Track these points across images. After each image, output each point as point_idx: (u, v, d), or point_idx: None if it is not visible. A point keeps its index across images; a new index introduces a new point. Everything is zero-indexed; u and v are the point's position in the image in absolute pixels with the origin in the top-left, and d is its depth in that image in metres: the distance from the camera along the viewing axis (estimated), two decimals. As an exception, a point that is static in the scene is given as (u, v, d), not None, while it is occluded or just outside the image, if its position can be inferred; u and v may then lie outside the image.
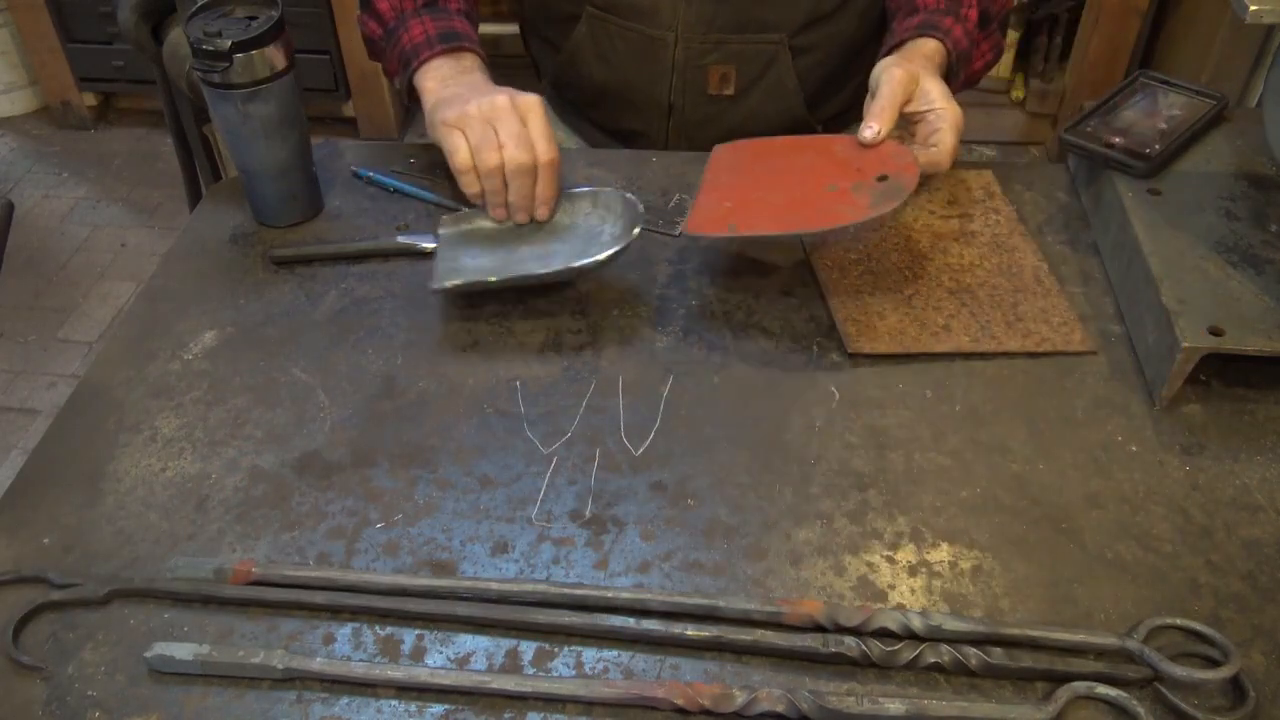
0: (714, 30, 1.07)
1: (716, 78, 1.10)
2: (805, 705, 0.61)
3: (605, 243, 0.87)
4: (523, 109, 0.87)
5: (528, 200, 0.89)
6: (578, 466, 0.76)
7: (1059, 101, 2.58)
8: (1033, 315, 0.87)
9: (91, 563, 0.70)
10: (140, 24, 0.98)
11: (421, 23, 0.98)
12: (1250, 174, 0.94)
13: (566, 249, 0.89)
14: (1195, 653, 0.64)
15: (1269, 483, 0.75)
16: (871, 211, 0.81)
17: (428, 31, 0.98)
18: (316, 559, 0.71)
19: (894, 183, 0.83)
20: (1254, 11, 0.81)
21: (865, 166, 0.86)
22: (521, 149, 0.86)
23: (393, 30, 1.00)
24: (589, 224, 0.90)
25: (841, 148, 0.90)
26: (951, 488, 0.75)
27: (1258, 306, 0.80)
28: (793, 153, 0.92)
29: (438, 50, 0.96)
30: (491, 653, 0.65)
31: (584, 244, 0.89)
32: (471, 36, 1.00)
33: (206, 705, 0.62)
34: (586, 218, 0.91)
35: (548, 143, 0.87)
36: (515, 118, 0.87)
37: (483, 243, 0.91)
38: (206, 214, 1.01)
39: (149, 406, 0.81)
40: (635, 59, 1.10)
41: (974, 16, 1.00)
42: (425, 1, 1.01)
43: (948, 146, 0.90)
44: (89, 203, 2.57)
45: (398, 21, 1.00)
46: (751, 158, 0.93)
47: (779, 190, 0.87)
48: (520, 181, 0.87)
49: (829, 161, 0.88)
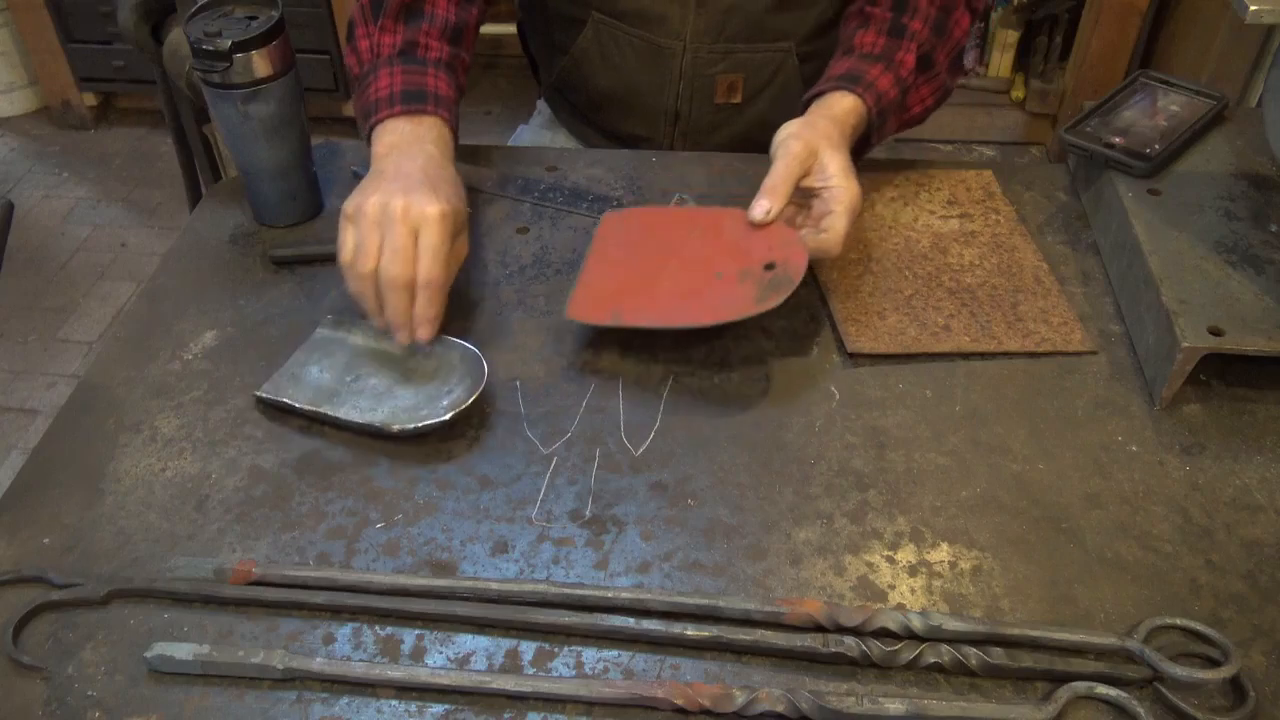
0: (722, 39, 1.06)
1: (724, 86, 1.09)
2: (805, 705, 0.61)
3: (440, 408, 0.78)
4: (417, 219, 0.79)
5: (403, 318, 0.79)
6: (578, 466, 0.76)
7: (1059, 101, 2.58)
8: (1033, 315, 0.87)
9: (91, 563, 0.70)
10: (140, 24, 0.98)
11: (390, 74, 0.92)
12: (1250, 174, 0.94)
13: (406, 399, 0.81)
14: (1195, 653, 0.64)
15: (1269, 483, 0.75)
16: (757, 308, 0.79)
17: (393, 87, 0.91)
18: (316, 559, 0.71)
19: (781, 273, 0.81)
20: (1254, 11, 0.81)
21: (753, 251, 0.84)
22: (398, 263, 0.78)
23: (364, 75, 0.95)
24: (440, 377, 0.82)
25: (731, 225, 0.86)
26: (951, 488, 0.75)
27: (1258, 306, 0.80)
28: (682, 228, 0.89)
29: (397, 110, 0.89)
30: (491, 653, 0.65)
31: (425, 400, 0.80)
32: (442, 95, 0.92)
33: (206, 705, 0.62)
34: (441, 372, 0.82)
35: (432, 260, 0.78)
36: (405, 228, 0.78)
37: (340, 359, 0.84)
38: (206, 214, 1.01)
39: (149, 406, 0.81)
40: (642, 66, 1.09)
41: (910, 61, 0.95)
42: (403, 48, 0.94)
43: (838, 232, 0.84)
44: (89, 203, 2.57)
45: (371, 66, 0.94)
46: (641, 230, 0.90)
47: (666, 274, 0.85)
48: (395, 297, 0.79)
49: (718, 242, 0.86)
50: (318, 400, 0.80)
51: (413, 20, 0.96)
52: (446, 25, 0.97)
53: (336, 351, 0.84)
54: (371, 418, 0.79)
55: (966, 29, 1.00)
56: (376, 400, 0.80)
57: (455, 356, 0.82)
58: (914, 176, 1.03)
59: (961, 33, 1.00)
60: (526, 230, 0.98)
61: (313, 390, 0.81)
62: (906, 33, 0.96)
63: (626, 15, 1.07)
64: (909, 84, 0.96)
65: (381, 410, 0.80)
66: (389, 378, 0.82)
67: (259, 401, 0.81)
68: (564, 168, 1.06)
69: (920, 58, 0.96)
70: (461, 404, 0.77)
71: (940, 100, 1.02)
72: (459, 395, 0.79)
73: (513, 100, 2.56)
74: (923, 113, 1.01)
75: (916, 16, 0.97)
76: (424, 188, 0.81)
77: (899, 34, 0.96)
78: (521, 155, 1.08)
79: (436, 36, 0.96)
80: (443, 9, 0.97)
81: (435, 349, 0.82)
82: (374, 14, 0.96)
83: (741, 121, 1.13)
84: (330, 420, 0.79)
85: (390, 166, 0.84)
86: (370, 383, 0.82)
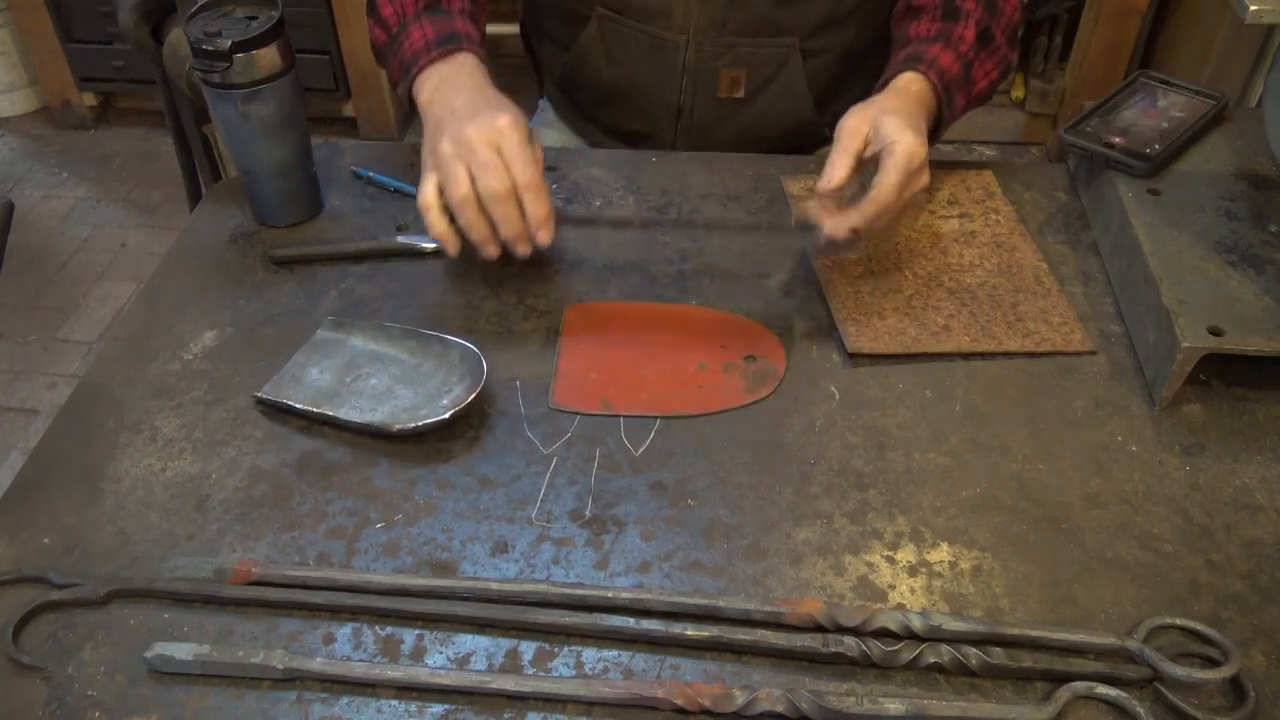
0: (726, 33, 1.06)
1: (727, 81, 1.09)
2: (805, 705, 0.61)
3: (440, 407, 0.78)
4: (492, 134, 0.82)
5: (518, 228, 0.82)
6: (578, 466, 0.76)
7: (1059, 101, 2.58)
8: (1033, 315, 0.87)
9: (91, 563, 0.70)
10: (140, 24, 0.98)
11: (421, 27, 0.95)
12: (1250, 174, 0.94)
13: (406, 399, 0.80)
14: (1195, 653, 0.64)
15: (1269, 483, 0.75)
16: (750, 396, 0.81)
17: (426, 36, 0.94)
18: (316, 559, 0.71)
19: (765, 365, 0.83)
20: (1254, 11, 0.81)
21: (731, 345, 0.85)
22: (493, 176, 0.81)
23: (395, 36, 0.98)
24: (439, 377, 0.81)
25: (699, 319, 0.88)
26: (951, 488, 0.75)
27: (1258, 306, 0.80)
28: (651, 322, 0.89)
29: (434, 55, 0.93)
30: (491, 653, 0.65)
31: (425, 399, 0.80)
32: (471, 35, 0.96)
33: (206, 705, 0.62)
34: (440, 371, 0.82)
35: (523, 164, 0.82)
36: (485, 146, 0.81)
37: (340, 359, 0.84)
38: (206, 214, 1.01)
39: (149, 406, 0.81)
40: (645, 61, 1.09)
41: (970, 37, 0.97)
42: (427, 4, 0.99)
43: (887, 184, 0.83)
44: (89, 203, 2.57)
45: (400, 28, 0.98)
46: (607, 323, 0.89)
47: (648, 365, 0.84)
48: (502, 208, 0.81)
49: (691, 336, 0.86)
50: (318, 400, 0.80)
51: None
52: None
53: (337, 352, 0.84)
54: (371, 417, 0.79)
55: (1017, 4, 1.02)
56: (376, 400, 0.80)
57: (455, 356, 0.82)
58: (914, 176, 1.03)
59: (1013, 8, 1.01)
60: (526, 230, 0.98)
61: (313, 391, 0.81)
62: (960, 13, 0.98)
63: (630, 10, 1.07)
64: (970, 59, 0.97)
65: (381, 410, 0.79)
66: (389, 378, 0.82)
67: (259, 402, 0.81)
68: (564, 168, 1.06)
69: (980, 33, 0.98)
70: (461, 403, 0.77)
71: (1004, 74, 1.02)
72: (458, 394, 0.79)
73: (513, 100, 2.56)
74: (988, 87, 1.02)
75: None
76: (483, 108, 0.85)
77: (953, 16, 0.98)
78: (521, 155, 1.08)
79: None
80: None
81: (435, 348, 0.83)
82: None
83: (745, 117, 1.13)
84: (330, 420, 0.79)
85: (441, 110, 0.88)
86: (370, 383, 0.82)
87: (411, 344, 0.84)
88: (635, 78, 1.11)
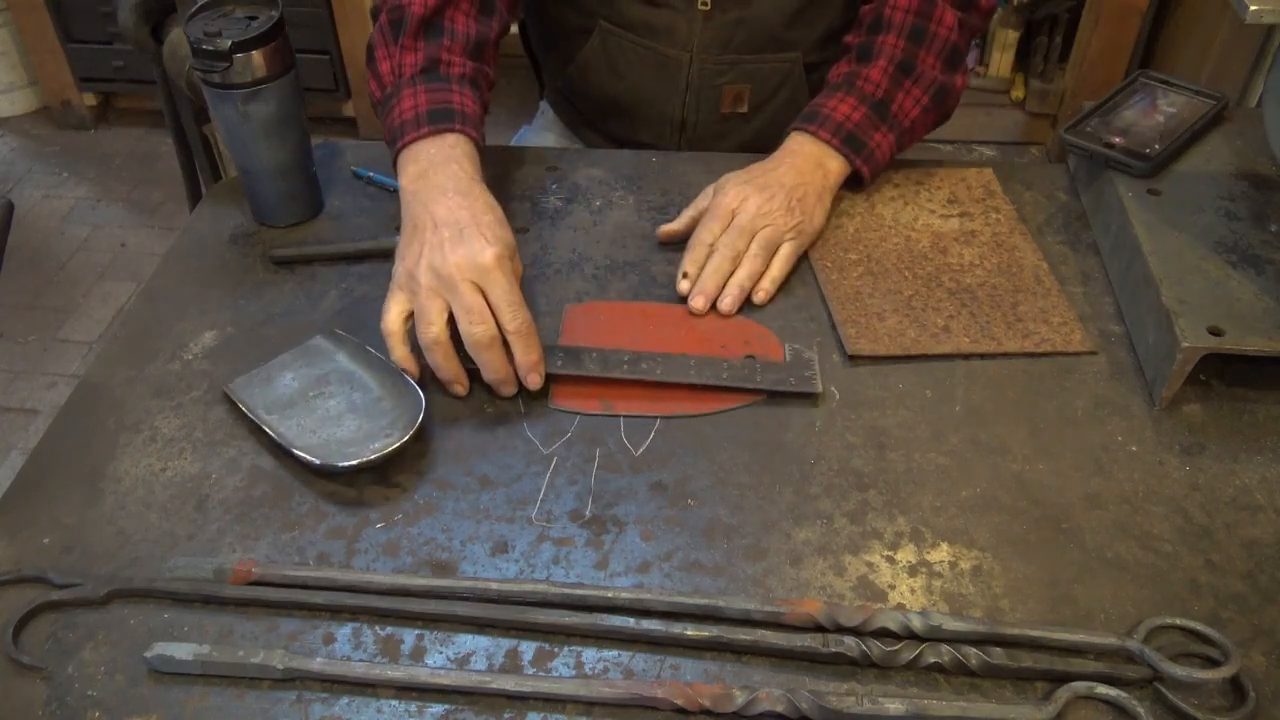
0: (730, 50, 1.06)
1: (730, 97, 1.09)
2: (805, 705, 0.61)
3: (372, 448, 0.74)
4: (477, 273, 0.77)
5: (504, 372, 0.78)
6: (578, 466, 0.76)
7: (1059, 101, 2.58)
8: (1033, 315, 0.87)
9: (91, 563, 0.70)
10: (140, 24, 0.98)
11: (414, 94, 0.90)
12: (1250, 174, 0.94)
13: (348, 430, 0.77)
14: (1195, 653, 0.64)
15: (1269, 483, 0.75)
16: (749, 397, 0.81)
17: (418, 108, 0.89)
18: (316, 559, 0.71)
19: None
20: (1254, 11, 0.81)
21: (730, 344, 0.85)
22: (479, 323, 0.76)
23: (388, 98, 0.93)
24: (388, 418, 0.78)
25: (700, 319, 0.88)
26: (951, 488, 0.75)
27: (1258, 306, 0.80)
28: (649, 321, 0.88)
29: (423, 132, 0.88)
30: (491, 653, 0.65)
31: (363, 437, 0.76)
32: (467, 111, 0.90)
33: (206, 705, 0.62)
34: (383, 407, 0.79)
35: (511, 309, 0.77)
36: (468, 287, 0.76)
37: (316, 371, 0.82)
38: (206, 214, 1.01)
39: (149, 406, 0.81)
40: (648, 76, 1.09)
41: (874, 75, 0.96)
42: (425, 66, 0.92)
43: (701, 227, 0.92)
44: (89, 203, 2.57)
45: (394, 89, 0.92)
46: (606, 322, 0.88)
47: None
48: (489, 355, 0.77)
49: (690, 335, 0.86)
50: (271, 409, 0.78)
51: (433, 37, 0.93)
52: (468, 40, 0.94)
53: (318, 363, 0.83)
54: (304, 441, 0.76)
55: (952, 25, 0.98)
56: (320, 424, 0.78)
57: (410, 400, 0.78)
58: (914, 175, 1.03)
59: (947, 30, 0.98)
60: (526, 230, 0.98)
61: (274, 398, 0.79)
62: (873, 53, 0.97)
63: (634, 26, 1.06)
64: (880, 96, 0.96)
65: (319, 434, 0.77)
66: (346, 403, 0.79)
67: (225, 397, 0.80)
68: (564, 168, 1.06)
69: (899, 64, 0.97)
70: (382, 451, 0.74)
71: (941, 95, 0.99)
72: (390, 440, 0.75)
73: (513, 100, 2.56)
74: (922, 114, 0.99)
75: (890, 31, 0.97)
76: (468, 232, 0.79)
77: (866, 57, 0.98)
78: (521, 155, 1.08)
79: (459, 52, 0.93)
80: (463, 24, 0.95)
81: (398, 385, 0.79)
82: (393, 34, 0.93)
83: (747, 130, 1.13)
84: (270, 433, 0.76)
85: (421, 212, 0.82)
86: (328, 404, 0.79)
87: (381, 375, 0.81)
88: (638, 92, 1.11)
